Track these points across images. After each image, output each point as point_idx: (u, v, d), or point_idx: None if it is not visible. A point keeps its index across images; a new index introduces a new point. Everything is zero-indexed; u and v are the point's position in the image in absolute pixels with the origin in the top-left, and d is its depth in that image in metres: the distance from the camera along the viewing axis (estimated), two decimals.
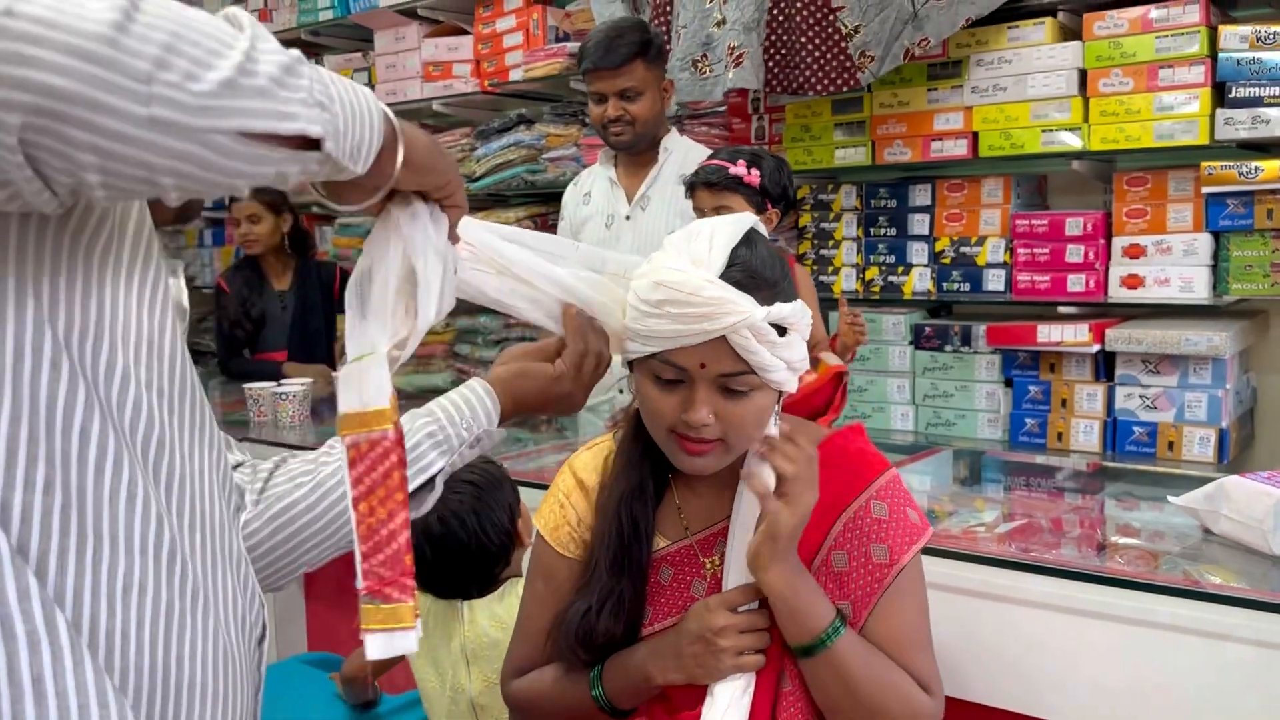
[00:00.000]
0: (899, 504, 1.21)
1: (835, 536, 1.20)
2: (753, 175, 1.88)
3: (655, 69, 2.55)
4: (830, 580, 1.19)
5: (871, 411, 2.90)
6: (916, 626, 1.22)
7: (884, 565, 1.18)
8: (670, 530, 1.27)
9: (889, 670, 1.19)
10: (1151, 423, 2.51)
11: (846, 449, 1.25)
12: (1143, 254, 2.53)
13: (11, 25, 0.60)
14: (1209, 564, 1.42)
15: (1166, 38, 2.40)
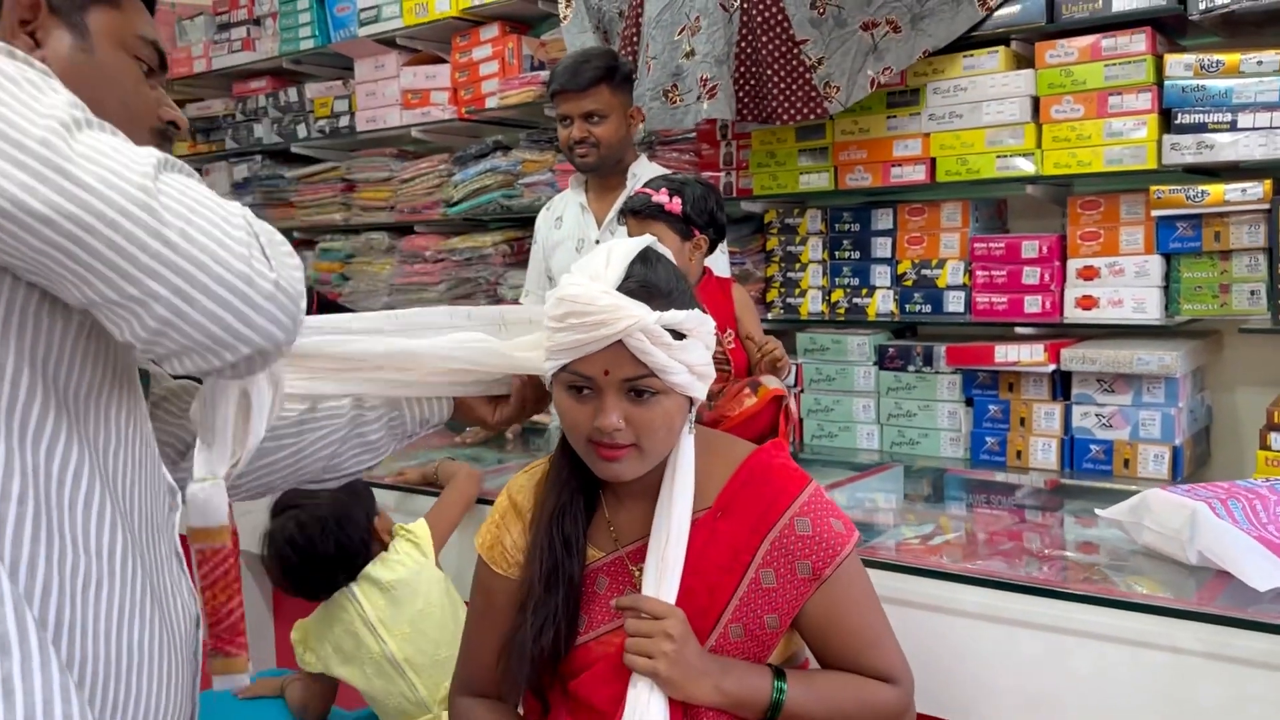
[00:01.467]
0: (821, 517, 1.27)
1: (763, 555, 1.26)
2: (674, 203, 1.93)
3: (620, 94, 2.62)
4: (760, 596, 1.25)
5: (838, 431, 2.96)
6: (865, 625, 1.28)
7: (808, 580, 1.25)
8: (602, 543, 1.33)
9: (845, 690, 1.26)
10: (1107, 440, 2.56)
11: (770, 465, 1.31)
12: (1096, 275, 2.60)
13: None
14: (1133, 574, 1.47)
15: (1115, 65, 2.47)
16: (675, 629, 1.21)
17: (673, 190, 1.96)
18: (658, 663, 1.20)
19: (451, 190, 3.64)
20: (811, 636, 1.29)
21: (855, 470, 2.37)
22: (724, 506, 1.29)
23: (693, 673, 1.21)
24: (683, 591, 1.25)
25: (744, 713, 1.24)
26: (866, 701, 1.25)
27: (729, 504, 1.28)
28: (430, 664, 1.89)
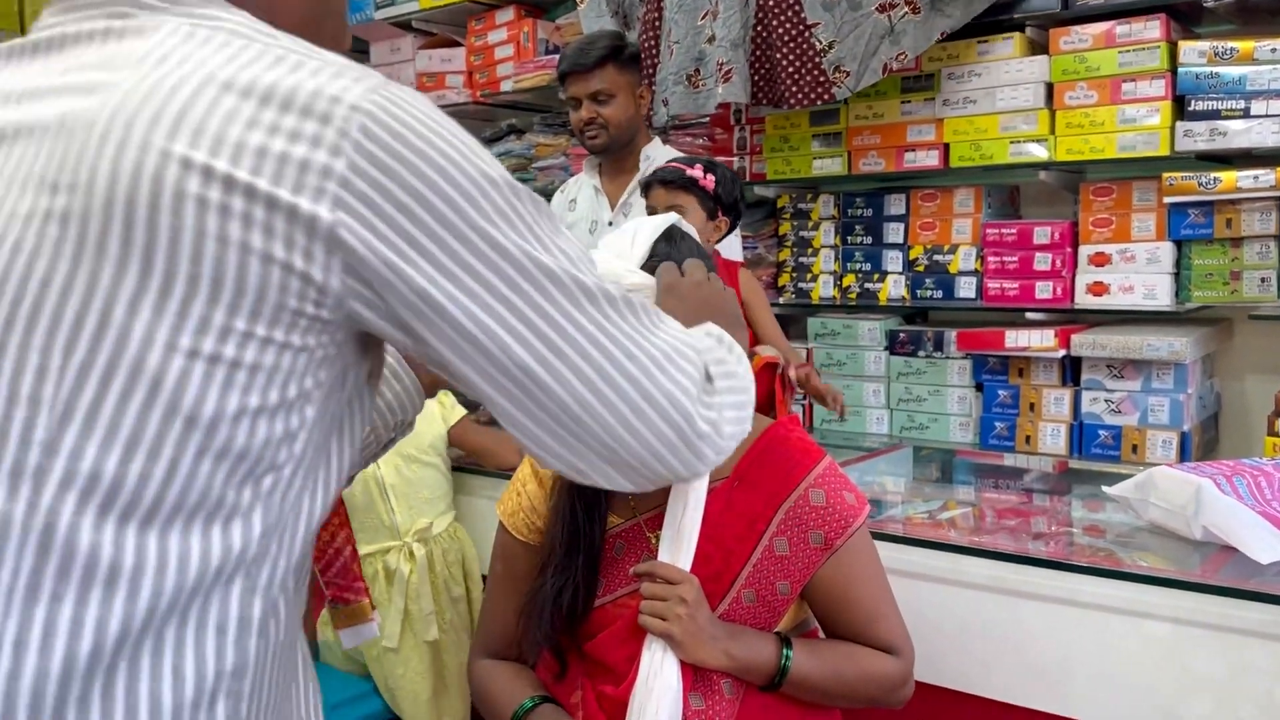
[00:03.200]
0: (835, 489, 1.31)
1: (777, 524, 1.29)
2: (708, 180, 1.96)
3: (628, 74, 2.64)
4: (773, 563, 1.29)
5: (848, 415, 2.97)
6: (870, 598, 1.32)
7: (819, 549, 1.28)
8: (621, 510, 1.37)
9: (849, 660, 1.30)
10: (1116, 426, 2.57)
11: (787, 438, 1.34)
12: (1108, 262, 2.61)
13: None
14: (1138, 549, 1.49)
15: (1129, 52, 2.48)
16: (689, 594, 1.24)
17: (706, 168, 1.99)
18: (671, 625, 1.23)
19: None
20: (819, 606, 1.33)
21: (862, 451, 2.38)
22: (741, 476, 1.32)
23: (703, 637, 1.24)
24: (699, 557, 1.28)
25: (751, 677, 1.28)
26: (868, 671, 1.29)
27: (746, 474, 1.32)
28: (411, 497, 1.95)
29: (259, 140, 0.66)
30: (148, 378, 0.65)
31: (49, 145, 0.68)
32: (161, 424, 0.65)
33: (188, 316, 0.65)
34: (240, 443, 0.68)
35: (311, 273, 0.67)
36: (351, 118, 0.68)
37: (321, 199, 0.67)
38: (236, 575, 0.70)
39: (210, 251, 0.65)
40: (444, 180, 0.70)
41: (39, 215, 0.66)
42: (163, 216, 0.64)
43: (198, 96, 0.67)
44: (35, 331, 0.65)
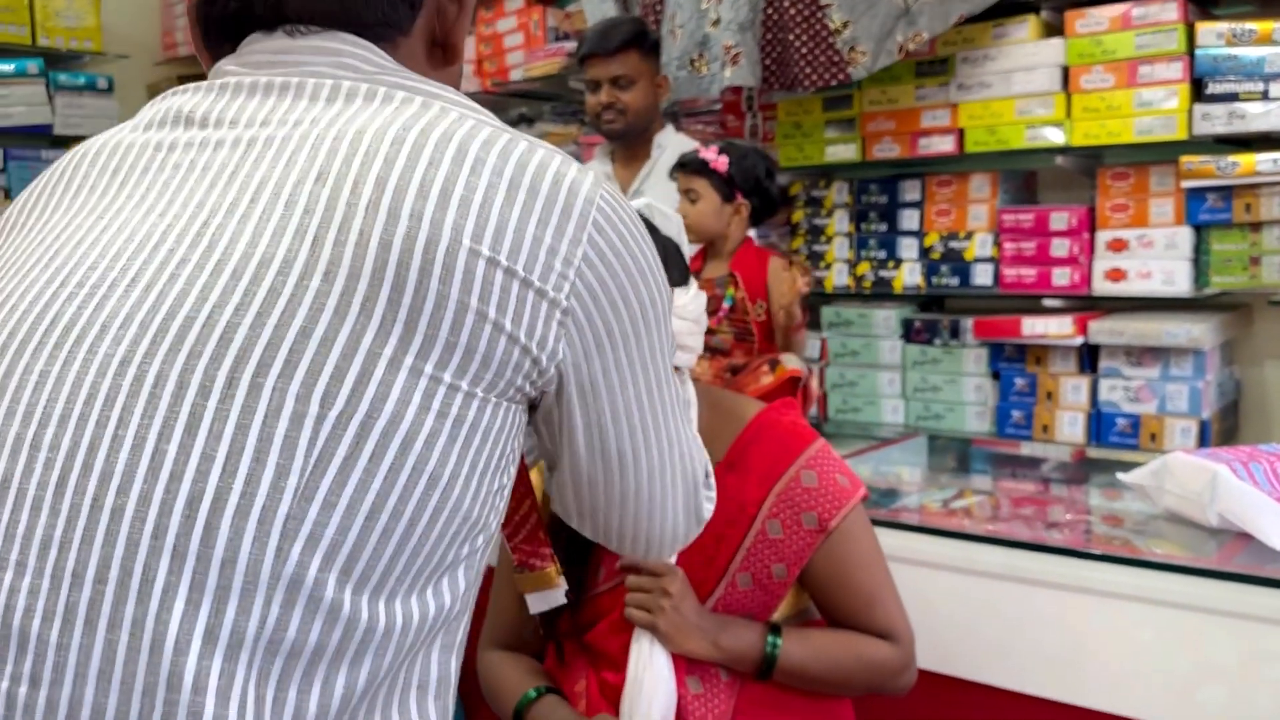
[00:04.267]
0: (828, 471, 1.29)
1: (770, 507, 1.28)
2: (719, 161, 1.94)
3: (649, 61, 2.64)
4: (767, 547, 1.28)
5: (863, 405, 2.95)
6: (868, 582, 1.30)
7: (814, 531, 1.27)
8: None
9: (843, 646, 1.28)
10: (1134, 414, 2.54)
11: (779, 422, 1.33)
12: (1125, 248, 2.57)
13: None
14: (1154, 537, 1.47)
15: (1146, 34, 2.44)
16: (673, 586, 1.24)
17: (724, 150, 1.98)
18: (655, 618, 1.23)
19: None
20: (816, 591, 1.31)
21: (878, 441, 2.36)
22: (732, 461, 1.31)
23: (689, 628, 1.24)
24: (691, 545, 1.26)
25: (741, 666, 1.27)
26: (863, 657, 1.27)
27: (737, 459, 1.31)
28: None
29: (515, 222, 0.71)
30: (401, 433, 0.67)
31: (308, 191, 0.70)
32: (408, 480, 0.67)
33: (440, 380, 0.68)
34: (467, 503, 0.71)
35: (536, 352, 0.73)
36: (588, 211, 0.74)
37: (563, 285, 0.73)
38: (439, 633, 0.73)
39: (468, 323, 0.69)
40: (642, 283, 0.78)
41: (298, 266, 0.67)
42: (432, 284, 0.68)
43: (456, 173, 0.71)
44: (294, 379, 0.65)
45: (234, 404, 0.64)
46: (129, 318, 0.67)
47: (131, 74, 4.43)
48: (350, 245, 0.67)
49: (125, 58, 4.36)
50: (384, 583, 0.68)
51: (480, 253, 0.69)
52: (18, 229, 0.79)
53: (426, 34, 0.85)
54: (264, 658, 0.63)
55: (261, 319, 0.65)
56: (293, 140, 0.73)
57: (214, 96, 0.78)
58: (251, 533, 0.63)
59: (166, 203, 0.73)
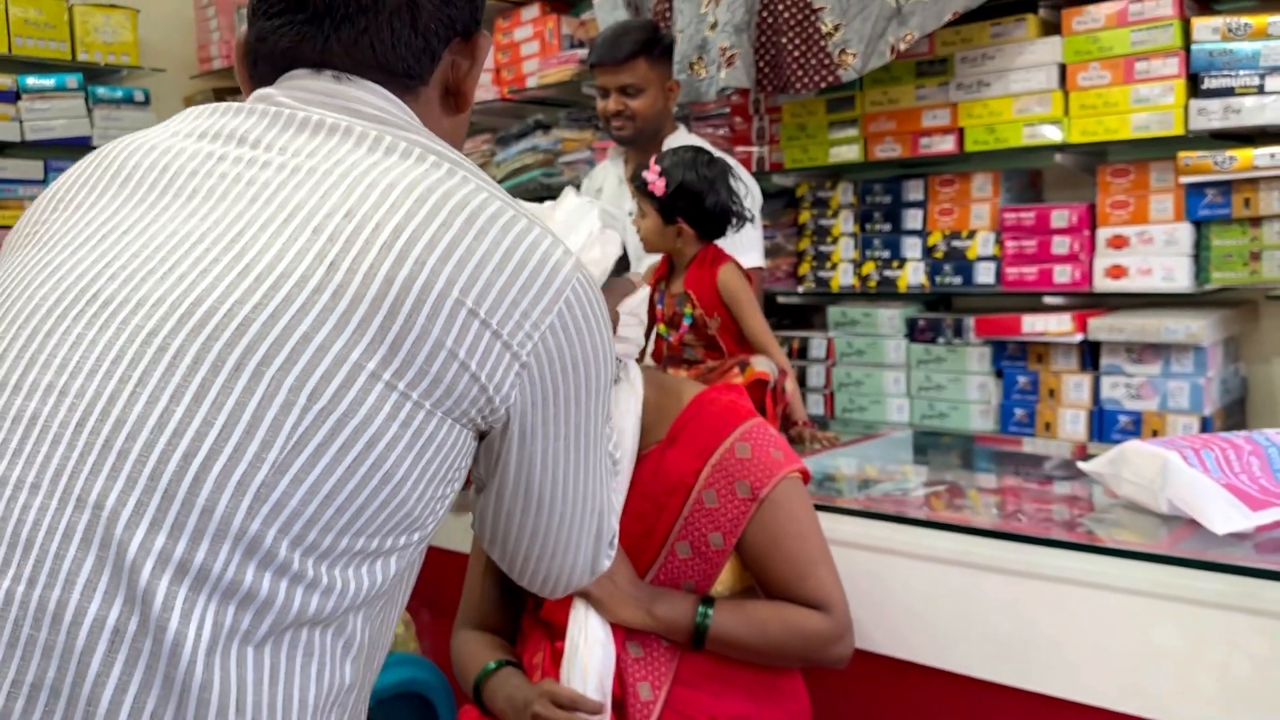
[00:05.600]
0: (762, 445, 1.34)
1: (706, 477, 1.33)
2: (656, 184, 1.94)
3: (659, 67, 2.65)
4: (703, 515, 1.32)
5: (868, 404, 2.96)
6: (801, 554, 1.34)
7: (746, 499, 1.31)
8: None
9: (773, 616, 1.32)
10: (1136, 411, 2.53)
11: (717, 400, 1.38)
12: (1126, 244, 2.57)
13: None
14: (1108, 525, 1.48)
15: (1142, 30, 2.44)
16: None
17: (664, 170, 1.96)
18: (589, 585, 1.26)
19: (494, 169, 3.72)
20: (752, 563, 1.35)
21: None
22: (674, 437, 1.37)
23: (622, 596, 1.28)
24: (633, 514, 1.32)
25: (675, 636, 1.32)
26: (793, 626, 1.31)
27: (678, 434, 1.37)
28: None
29: (500, 285, 0.84)
30: (369, 434, 0.79)
31: (335, 223, 0.82)
32: (366, 473, 0.79)
33: (408, 397, 0.80)
34: (411, 502, 0.84)
35: (492, 393, 0.85)
36: (563, 289, 0.87)
37: (527, 344, 0.85)
38: (363, 605, 0.84)
39: (441, 358, 0.81)
40: (593, 357, 0.91)
41: (296, 275, 0.79)
42: (419, 320, 0.80)
43: (463, 236, 0.83)
44: (290, 372, 0.77)
45: (237, 384, 0.76)
46: (161, 299, 0.79)
47: (167, 87, 4.57)
48: (360, 274, 0.79)
49: (161, 71, 4.50)
50: (327, 553, 0.79)
51: (465, 304, 0.82)
52: (71, 207, 0.91)
53: (441, 84, 0.98)
54: (220, 598, 0.75)
55: (274, 319, 0.77)
56: (332, 176, 0.85)
57: (268, 123, 0.89)
58: (230, 490, 0.75)
59: (210, 207, 0.84)
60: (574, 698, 1.26)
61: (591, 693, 1.28)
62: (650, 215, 1.98)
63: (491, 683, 1.38)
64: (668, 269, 2.12)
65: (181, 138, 0.91)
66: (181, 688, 0.72)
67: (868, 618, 1.50)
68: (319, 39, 0.93)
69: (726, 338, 2.00)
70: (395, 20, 0.92)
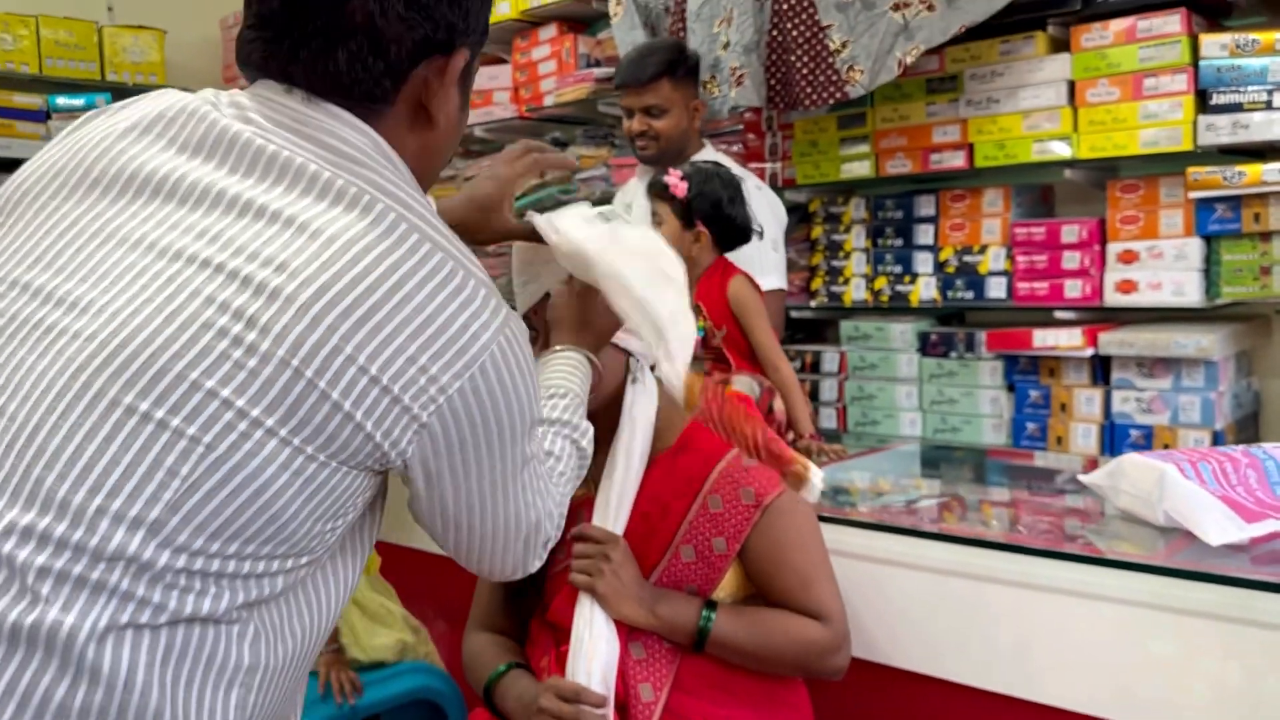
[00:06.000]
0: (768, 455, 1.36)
1: (712, 483, 1.36)
2: (678, 187, 1.98)
3: (683, 88, 2.67)
4: (708, 520, 1.35)
5: (881, 418, 2.98)
6: (803, 564, 1.37)
7: (751, 506, 1.34)
8: (584, 481, 1.44)
9: (773, 623, 1.34)
10: (1147, 426, 2.54)
11: (724, 409, 1.40)
12: (1136, 259, 2.58)
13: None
14: (1106, 536, 1.49)
15: (1150, 47, 2.46)
16: (614, 553, 1.31)
17: (686, 175, 2.02)
18: (595, 580, 1.31)
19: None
20: (754, 570, 1.38)
21: None
22: (684, 444, 1.40)
23: (627, 594, 1.31)
24: (639, 516, 1.36)
25: (676, 637, 1.34)
26: (792, 634, 1.33)
27: (688, 441, 1.40)
28: None
29: (410, 352, 0.88)
30: (258, 482, 0.85)
31: (267, 275, 0.86)
32: (252, 515, 0.86)
33: (302, 451, 0.86)
34: (297, 536, 0.90)
35: (387, 449, 0.90)
36: (479, 356, 0.91)
37: (430, 406, 0.90)
38: (255, 607, 0.91)
39: (337, 419, 0.86)
40: (506, 413, 0.95)
41: (217, 327, 0.85)
42: (320, 385, 0.85)
43: (383, 304, 0.87)
44: (194, 422, 0.84)
45: (145, 429, 0.83)
46: (94, 335, 0.86)
47: None
48: (273, 335, 0.84)
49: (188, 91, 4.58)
50: (213, 574, 0.87)
51: (368, 371, 0.86)
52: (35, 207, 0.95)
53: (411, 102, 0.99)
54: (119, 601, 0.82)
55: (188, 369, 0.84)
56: (276, 224, 0.88)
57: (235, 154, 0.92)
58: (127, 524, 0.82)
59: (160, 235, 0.89)
60: (577, 689, 1.29)
61: (595, 686, 1.31)
62: (668, 220, 2.01)
63: (502, 685, 1.41)
64: None
65: (156, 149, 0.93)
66: (75, 667, 0.81)
67: (870, 627, 1.52)
68: (282, 58, 0.95)
69: (732, 350, 2.03)
70: (354, 44, 0.94)
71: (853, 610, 1.41)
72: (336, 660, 2.12)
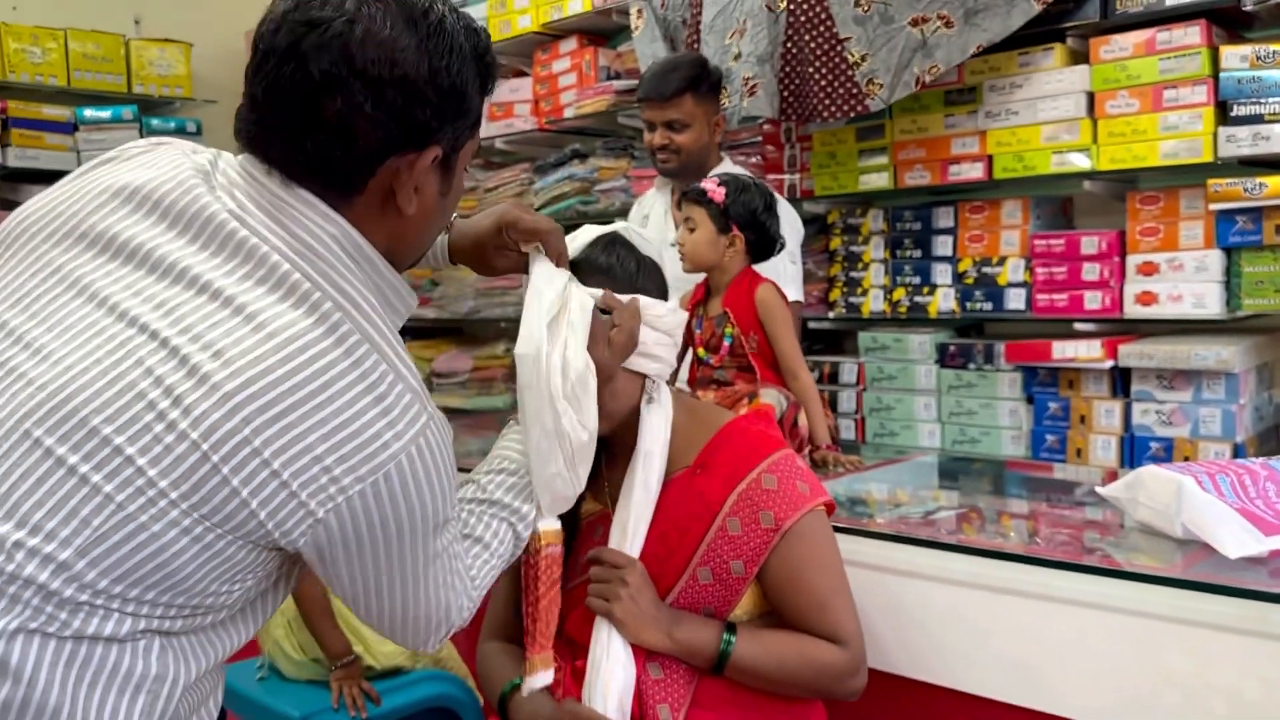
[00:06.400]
0: (788, 477, 1.35)
1: (731, 505, 1.35)
2: (717, 192, 2.01)
3: (705, 103, 2.68)
4: (726, 543, 1.34)
5: (899, 429, 2.98)
6: (821, 586, 1.35)
7: (770, 530, 1.33)
8: (599, 497, 1.45)
9: (792, 647, 1.34)
10: (1168, 438, 2.53)
11: (748, 430, 1.40)
12: (1156, 271, 2.57)
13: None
14: (1124, 549, 1.49)
15: (1170, 59, 2.46)
16: (631, 577, 1.31)
17: (723, 181, 2.05)
18: (612, 605, 1.30)
19: (532, 198, 3.79)
20: (772, 591, 1.37)
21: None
22: (703, 463, 1.39)
23: (644, 618, 1.31)
24: (657, 537, 1.35)
25: (695, 660, 1.33)
26: (810, 658, 1.33)
27: (707, 461, 1.39)
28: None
29: (317, 453, 0.93)
30: (160, 542, 0.93)
31: (199, 359, 0.93)
32: (152, 569, 0.93)
33: (201, 522, 0.93)
34: (196, 594, 0.97)
35: (278, 537, 0.96)
36: (385, 464, 0.96)
37: (328, 503, 0.95)
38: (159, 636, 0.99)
39: (234, 503, 0.93)
40: (407, 515, 1.00)
41: (148, 399, 0.92)
42: (224, 471, 0.92)
43: (302, 404, 0.93)
44: (112, 481, 0.92)
45: (69, 482, 0.92)
46: (45, 385, 0.94)
47: (219, 118, 4.69)
48: (193, 417, 0.92)
49: (213, 103, 4.63)
50: (115, 608, 0.94)
51: (270, 465, 0.93)
52: (25, 250, 1.05)
53: (381, 191, 1.05)
54: (30, 613, 0.90)
55: (115, 434, 0.91)
56: (227, 309, 0.95)
57: (208, 234, 1.00)
58: (39, 560, 0.90)
59: (126, 297, 0.97)
60: (595, 719, 1.29)
61: (612, 713, 1.30)
62: (703, 226, 2.03)
63: (516, 698, 1.41)
64: (705, 293, 2.17)
65: (142, 219, 1.01)
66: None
67: (887, 639, 1.52)
68: (264, 140, 1.02)
69: (760, 361, 2.04)
70: (323, 136, 0.99)
71: (869, 622, 1.41)
72: (349, 674, 2.14)
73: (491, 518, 1.26)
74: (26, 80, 4.18)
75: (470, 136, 1.10)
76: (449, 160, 1.09)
